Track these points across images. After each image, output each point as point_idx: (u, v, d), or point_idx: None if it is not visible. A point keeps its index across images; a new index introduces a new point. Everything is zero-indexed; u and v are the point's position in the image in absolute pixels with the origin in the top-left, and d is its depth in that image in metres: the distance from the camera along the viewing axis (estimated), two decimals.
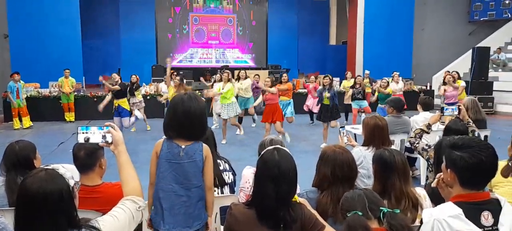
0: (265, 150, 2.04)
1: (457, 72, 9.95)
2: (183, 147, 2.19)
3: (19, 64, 12.07)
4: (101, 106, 8.06)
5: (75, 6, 13.98)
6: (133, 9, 17.57)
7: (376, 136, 3.28)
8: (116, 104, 7.65)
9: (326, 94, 7.91)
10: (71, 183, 1.49)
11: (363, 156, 3.22)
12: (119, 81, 7.89)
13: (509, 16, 17.67)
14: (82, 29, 14.38)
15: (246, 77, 9.74)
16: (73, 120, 11.35)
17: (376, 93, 9.18)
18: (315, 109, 10.59)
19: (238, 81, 9.51)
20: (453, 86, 8.96)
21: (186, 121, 2.19)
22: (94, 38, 17.02)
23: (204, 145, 2.26)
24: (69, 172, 1.52)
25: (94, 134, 1.84)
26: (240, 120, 9.65)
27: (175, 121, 2.21)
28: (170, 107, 2.28)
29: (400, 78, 10.74)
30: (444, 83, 9.13)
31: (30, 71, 11.06)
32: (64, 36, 13.61)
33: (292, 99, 8.91)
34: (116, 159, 1.84)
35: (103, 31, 17.55)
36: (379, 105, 8.80)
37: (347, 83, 11.22)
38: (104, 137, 1.83)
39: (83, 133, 1.84)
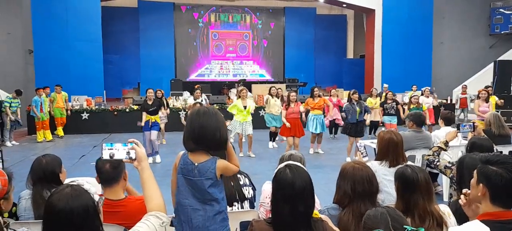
0: (277, 169, 2.03)
1: (491, 87, 9.77)
2: (196, 164, 2.20)
3: (43, 79, 12.42)
4: (142, 124, 8.10)
5: (98, 24, 14.39)
6: (153, 25, 17.97)
7: (390, 150, 3.24)
8: (153, 120, 7.81)
9: (358, 109, 7.84)
10: (96, 198, 1.52)
11: (375, 170, 3.18)
12: (153, 98, 8.03)
13: None
14: (103, 45, 14.76)
15: (277, 94, 9.51)
16: (62, 134, 11.35)
17: (407, 110, 9.09)
18: (340, 122, 10.54)
19: (272, 98, 9.32)
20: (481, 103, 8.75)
21: (203, 135, 2.19)
22: (114, 53, 17.46)
23: (218, 161, 2.23)
24: (94, 187, 1.56)
25: (118, 151, 1.87)
26: (275, 135, 9.55)
27: (192, 134, 2.22)
28: (188, 121, 2.30)
29: (431, 93, 10.51)
30: (478, 97, 8.96)
31: (53, 86, 11.34)
32: (86, 53, 14.01)
33: (322, 114, 8.77)
34: (139, 175, 1.87)
35: (123, 46, 18.00)
36: None
37: (373, 100, 10.66)
38: (128, 153, 1.86)
39: (108, 148, 1.88)
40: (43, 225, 1.47)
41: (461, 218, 1.97)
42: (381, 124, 9.77)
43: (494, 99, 9.37)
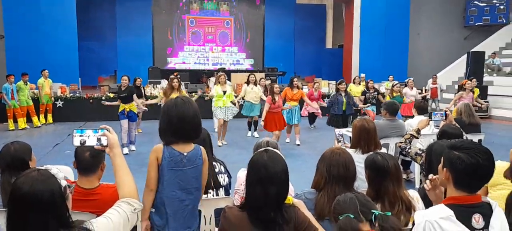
0: (255, 152, 2.06)
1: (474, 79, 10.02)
2: (185, 154, 2.22)
3: (15, 66, 12.03)
4: (107, 103, 7.98)
5: (72, 8, 13.99)
6: (130, 12, 17.58)
7: (362, 138, 3.29)
8: (128, 109, 7.62)
9: (344, 100, 7.82)
10: (63, 184, 1.49)
11: None
12: (128, 85, 7.82)
13: (504, 21, 17.84)
14: (78, 31, 14.37)
15: (255, 83, 9.27)
16: (51, 121, 11.21)
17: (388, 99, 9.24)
18: (319, 115, 10.57)
19: (248, 85, 9.07)
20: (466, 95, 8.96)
21: (181, 125, 2.20)
22: (91, 40, 17.03)
23: (201, 148, 2.31)
24: (62, 173, 1.52)
25: (89, 137, 1.84)
26: (255, 124, 9.41)
27: (170, 125, 2.22)
28: (164, 113, 2.28)
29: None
30: (463, 89, 9.15)
31: (25, 72, 10.99)
32: (60, 38, 13.62)
33: (299, 105, 8.71)
34: (111, 162, 1.85)
35: (100, 33, 17.56)
36: None
37: (355, 88, 10.84)
38: (99, 139, 1.83)
39: (78, 135, 1.84)
40: (8, 207, 1.43)
41: (430, 203, 2.02)
42: (363, 113, 9.87)
43: (477, 91, 9.61)
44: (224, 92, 8.29)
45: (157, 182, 2.26)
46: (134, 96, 7.72)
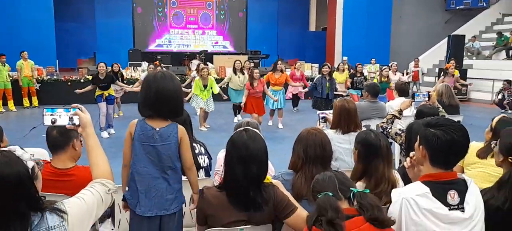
0: (234, 132, 2.03)
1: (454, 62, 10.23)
2: (157, 129, 2.12)
3: None
4: (79, 91, 7.82)
5: None
6: None
7: (342, 117, 3.28)
8: (106, 94, 7.52)
9: (327, 84, 7.83)
10: (30, 165, 1.43)
11: (331, 138, 3.24)
12: (105, 72, 7.65)
13: (484, 5, 18.07)
14: (55, 12, 13.92)
15: (242, 70, 9.05)
16: (37, 104, 10.94)
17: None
18: (302, 96, 10.58)
19: (235, 73, 8.86)
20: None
21: (160, 100, 2.11)
22: (69, 21, 16.53)
23: (179, 126, 2.20)
24: (27, 153, 1.46)
25: (61, 116, 1.78)
26: (239, 109, 9.20)
27: (148, 99, 2.13)
28: (143, 86, 2.20)
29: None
30: (445, 73, 9.29)
31: (2, 53, 10.63)
32: (36, 19, 13.14)
33: (283, 88, 8.65)
34: (84, 142, 1.79)
35: (78, 14, 17.08)
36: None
37: (340, 75, 10.56)
38: (71, 119, 1.77)
39: (49, 114, 1.78)
40: None
41: (409, 182, 2.03)
42: (347, 95, 9.87)
43: (457, 73, 9.83)
44: (205, 86, 8.12)
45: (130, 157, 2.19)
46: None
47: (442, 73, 9.68)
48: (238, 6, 19.53)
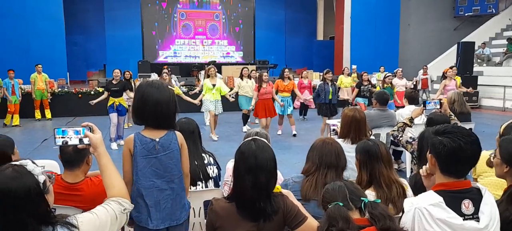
0: (243, 142, 2.02)
1: (455, 67, 10.14)
2: (157, 140, 2.09)
3: (1, 60, 11.81)
4: (94, 102, 7.83)
5: (59, 2, 13.74)
6: (118, 4, 17.36)
7: (352, 127, 3.26)
8: (117, 103, 7.49)
9: (330, 89, 7.87)
10: (41, 179, 1.42)
11: None
12: (119, 79, 7.68)
13: (494, 11, 17.93)
14: (65, 25, 14.14)
15: (249, 76, 9.11)
16: (50, 117, 11.04)
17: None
18: (311, 104, 10.56)
19: (242, 79, 8.91)
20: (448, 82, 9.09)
21: (153, 109, 2.07)
22: (79, 34, 16.79)
23: (177, 133, 2.17)
24: (39, 167, 1.45)
25: (72, 138, 1.77)
26: (247, 118, 9.21)
27: (142, 110, 2.09)
28: (138, 94, 2.14)
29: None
30: (445, 77, 9.24)
31: (12, 67, 10.78)
32: (47, 32, 13.37)
33: (291, 96, 8.71)
34: (97, 162, 1.78)
35: (88, 27, 17.34)
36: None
37: (345, 79, 10.79)
38: (81, 140, 1.77)
39: (60, 137, 1.77)
40: None
41: (419, 192, 2.00)
42: (355, 104, 9.83)
43: (458, 79, 9.72)
44: (214, 85, 8.22)
45: (132, 174, 2.13)
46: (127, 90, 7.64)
47: (442, 77, 9.62)
48: (246, 16, 19.64)
